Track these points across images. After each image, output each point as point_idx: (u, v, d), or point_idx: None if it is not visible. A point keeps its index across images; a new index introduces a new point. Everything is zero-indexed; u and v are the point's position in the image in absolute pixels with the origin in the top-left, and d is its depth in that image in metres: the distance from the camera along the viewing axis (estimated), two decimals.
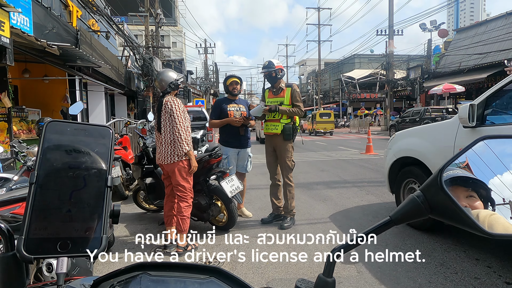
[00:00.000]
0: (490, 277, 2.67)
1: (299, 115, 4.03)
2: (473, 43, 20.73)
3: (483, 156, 0.58)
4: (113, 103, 15.69)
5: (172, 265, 0.62)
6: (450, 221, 0.55)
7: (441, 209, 0.55)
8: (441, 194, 0.54)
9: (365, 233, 0.59)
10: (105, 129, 0.67)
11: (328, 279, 0.59)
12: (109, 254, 3.33)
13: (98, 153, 0.64)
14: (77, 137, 0.64)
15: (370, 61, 38.19)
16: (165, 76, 3.43)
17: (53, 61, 7.57)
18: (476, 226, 0.52)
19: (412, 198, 0.58)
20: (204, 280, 0.59)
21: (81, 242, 0.58)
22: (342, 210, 4.67)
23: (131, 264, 0.61)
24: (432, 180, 0.56)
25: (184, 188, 3.34)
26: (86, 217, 0.60)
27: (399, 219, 0.58)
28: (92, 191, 0.61)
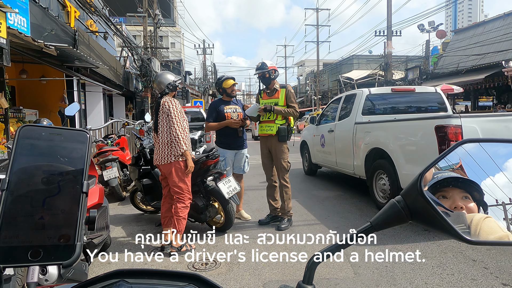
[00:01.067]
0: (487, 278, 2.67)
1: (294, 115, 4.02)
2: (471, 44, 20.79)
3: (476, 158, 0.57)
4: (111, 104, 15.67)
5: (150, 272, 0.61)
6: (431, 227, 0.54)
7: (421, 215, 0.54)
8: (421, 199, 0.53)
9: (346, 239, 0.59)
10: (82, 134, 0.66)
11: (308, 286, 0.58)
12: (106, 255, 3.32)
13: (74, 158, 0.62)
14: (52, 142, 0.63)
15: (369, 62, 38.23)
16: (163, 78, 3.45)
17: (51, 61, 7.55)
18: (456, 233, 0.51)
19: (393, 203, 0.57)
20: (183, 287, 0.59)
21: (54, 250, 0.57)
22: (340, 211, 4.67)
23: (109, 272, 0.60)
24: (412, 185, 0.55)
25: (181, 189, 3.33)
26: (59, 225, 0.58)
27: (379, 225, 0.58)
28: (67, 198, 0.60)
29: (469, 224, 0.54)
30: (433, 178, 0.57)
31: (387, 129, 4.50)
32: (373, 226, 0.58)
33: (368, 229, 0.58)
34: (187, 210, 3.38)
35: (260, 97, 4.20)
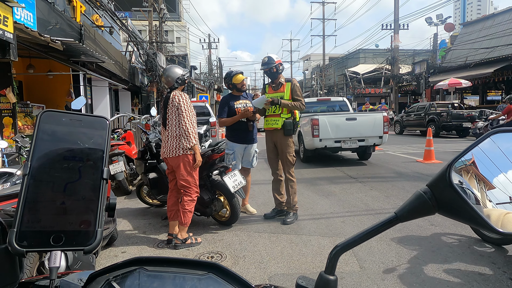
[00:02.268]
0: (495, 273, 2.65)
1: (300, 109, 4.00)
2: (480, 37, 20.46)
3: (490, 153, 0.56)
4: (117, 99, 15.74)
5: (170, 261, 0.61)
6: (459, 218, 0.53)
7: (449, 206, 0.53)
8: (450, 190, 0.52)
9: (369, 230, 0.58)
10: (102, 120, 0.66)
11: (330, 277, 0.57)
12: (112, 248, 3.35)
13: (94, 144, 0.62)
14: (72, 128, 0.62)
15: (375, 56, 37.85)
16: (171, 72, 3.43)
17: (57, 56, 7.58)
18: (487, 225, 0.50)
19: (419, 194, 0.55)
20: (202, 276, 0.58)
21: (75, 235, 0.57)
22: (345, 206, 4.66)
23: (128, 259, 0.60)
24: (440, 175, 0.54)
25: (188, 183, 3.35)
26: (80, 210, 0.58)
27: (405, 216, 0.56)
28: (88, 184, 0.60)
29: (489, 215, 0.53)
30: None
31: (302, 120, 7.88)
32: (398, 217, 0.56)
33: (393, 220, 0.57)
34: (193, 203, 3.40)
35: (265, 91, 4.18)
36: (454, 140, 13.60)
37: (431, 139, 8.24)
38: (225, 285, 0.58)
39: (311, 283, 0.60)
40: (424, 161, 8.03)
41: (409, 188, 5.47)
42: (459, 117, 14.21)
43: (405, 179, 6.22)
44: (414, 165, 7.74)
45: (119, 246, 3.43)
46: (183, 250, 3.31)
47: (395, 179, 6.30)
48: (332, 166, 8.08)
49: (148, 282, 0.57)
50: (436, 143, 8.85)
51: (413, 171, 6.98)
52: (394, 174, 6.81)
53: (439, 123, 14.60)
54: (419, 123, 16.12)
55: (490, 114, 14.17)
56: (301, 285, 0.60)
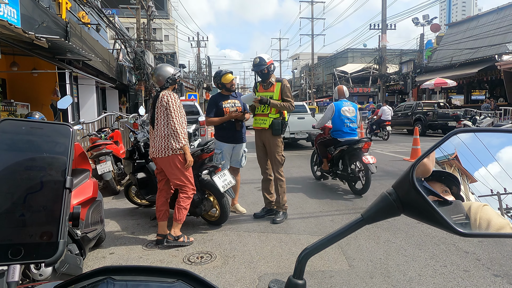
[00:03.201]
0: (479, 269, 2.71)
1: (289, 110, 4.01)
2: (465, 38, 20.87)
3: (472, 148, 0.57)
4: (104, 97, 15.52)
5: (138, 269, 0.60)
6: (423, 220, 0.54)
7: (413, 207, 0.53)
8: (413, 192, 0.52)
9: (336, 233, 0.58)
10: (65, 127, 0.63)
11: (299, 281, 0.57)
12: (101, 249, 3.31)
13: (56, 153, 0.60)
14: (33, 136, 0.60)
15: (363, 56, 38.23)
16: (162, 71, 3.38)
17: (42, 54, 7.43)
18: (449, 226, 0.51)
19: (384, 195, 0.56)
20: (172, 284, 0.58)
21: (36, 248, 0.55)
22: (334, 205, 4.70)
23: (94, 269, 0.58)
24: (404, 176, 0.54)
25: (183, 181, 3.33)
26: (41, 222, 0.56)
27: (371, 218, 0.57)
28: (49, 193, 0.58)
29: (467, 213, 0.54)
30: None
31: None
32: (364, 219, 0.57)
33: (359, 222, 0.57)
34: (189, 200, 3.39)
35: (256, 90, 4.18)
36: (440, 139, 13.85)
37: (417, 138, 8.38)
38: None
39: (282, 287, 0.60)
40: (411, 159, 8.16)
41: None
42: (444, 116, 14.49)
43: (392, 178, 6.31)
44: (401, 163, 7.86)
45: (107, 247, 3.39)
46: (172, 250, 3.29)
47: (382, 177, 6.38)
48: None
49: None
50: (422, 142, 9.00)
51: (400, 169, 7.08)
52: (381, 172, 6.90)
53: (426, 122, 14.87)
54: (406, 122, 16.37)
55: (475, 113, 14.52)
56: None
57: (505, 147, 0.58)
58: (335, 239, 0.58)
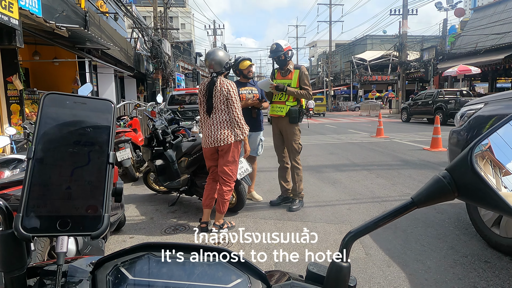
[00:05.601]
0: (501, 260, 2.65)
1: (307, 98, 3.96)
2: (491, 23, 19.97)
3: (507, 138, 0.54)
4: (122, 86, 15.75)
5: (178, 246, 0.60)
6: (480, 204, 0.52)
7: (470, 191, 0.51)
8: (471, 174, 0.50)
9: (383, 216, 0.56)
10: (107, 103, 0.64)
11: (343, 264, 0.56)
12: (120, 234, 3.41)
13: (99, 128, 0.61)
14: (77, 111, 0.61)
15: (383, 42, 37.26)
16: (220, 57, 3.30)
17: (63, 43, 7.58)
18: (510, 209, 0.49)
19: (438, 178, 0.53)
20: (212, 263, 0.58)
21: (82, 220, 0.56)
22: (351, 193, 4.66)
23: (136, 244, 0.59)
24: (461, 159, 0.52)
25: (231, 171, 3.35)
26: (87, 195, 0.57)
27: (422, 202, 0.54)
28: (93, 168, 0.59)
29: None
30: None
31: None
32: (414, 202, 0.54)
33: (409, 205, 0.55)
34: (231, 193, 3.44)
35: (274, 77, 4.14)
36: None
37: (438, 126, 8.17)
38: (234, 271, 0.58)
39: (323, 270, 0.59)
40: (431, 149, 7.97)
41: (416, 176, 5.45)
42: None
43: (411, 167, 6.19)
44: (421, 153, 7.69)
45: (127, 232, 3.48)
46: (189, 235, 3.35)
47: (401, 166, 6.27)
48: (338, 153, 8.05)
49: (157, 268, 0.57)
50: (443, 131, 8.76)
51: (419, 159, 6.93)
52: (400, 162, 6.78)
53: (447, 110, 14.43)
54: (427, 110, 15.95)
55: None
56: (312, 272, 0.59)
57: None
58: (381, 223, 0.56)
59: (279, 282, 0.61)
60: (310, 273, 0.60)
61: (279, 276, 0.63)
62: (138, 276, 0.57)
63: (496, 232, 2.79)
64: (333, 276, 0.56)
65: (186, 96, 10.91)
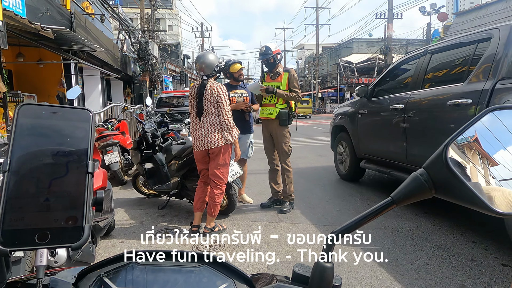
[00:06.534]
0: (487, 259, 2.72)
1: (296, 100, 4.00)
2: (473, 27, 20.52)
3: (493, 129, 0.55)
4: (109, 88, 15.55)
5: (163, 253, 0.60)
6: (457, 200, 0.52)
7: (446, 187, 0.51)
8: (446, 171, 0.50)
9: (365, 215, 0.57)
10: (84, 112, 0.63)
11: (327, 264, 0.56)
12: (110, 238, 3.36)
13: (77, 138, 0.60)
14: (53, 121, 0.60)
15: (369, 46, 37.81)
16: (210, 60, 3.30)
17: (48, 44, 7.44)
18: (485, 205, 0.49)
19: (415, 176, 0.54)
20: (196, 268, 0.58)
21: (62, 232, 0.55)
22: (341, 195, 4.71)
23: (119, 254, 0.58)
24: (436, 156, 0.52)
25: (223, 174, 3.34)
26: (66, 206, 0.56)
27: (401, 200, 0.55)
28: (72, 179, 0.58)
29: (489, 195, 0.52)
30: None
31: None
32: (394, 200, 0.55)
33: (388, 204, 0.55)
34: (222, 196, 3.43)
35: (263, 79, 4.16)
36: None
37: None
38: (219, 275, 0.57)
39: (308, 271, 0.59)
40: None
41: (405, 178, 5.53)
42: None
43: None
44: None
45: (117, 236, 3.44)
46: (181, 239, 3.33)
47: None
48: (327, 155, 8.13)
49: (141, 276, 0.56)
50: None
51: None
52: None
53: None
54: None
55: None
56: (298, 273, 0.60)
57: None
58: (363, 222, 0.57)
59: (265, 285, 0.60)
60: (296, 275, 0.60)
61: (265, 279, 0.63)
62: (122, 286, 0.56)
63: None
64: (317, 277, 0.56)
65: (174, 98, 10.84)
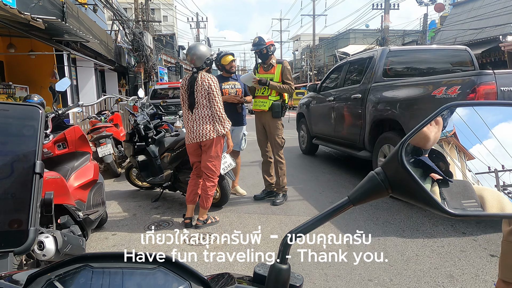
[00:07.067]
0: (475, 250, 2.75)
1: (289, 92, 3.99)
2: (469, 18, 20.47)
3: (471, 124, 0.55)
4: (103, 80, 15.38)
5: (117, 256, 0.57)
6: (412, 200, 0.51)
7: (402, 187, 0.50)
8: (402, 171, 0.49)
9: (322, 216, 0.56)
10: (33, 109, 0.59)
11: (283, 266, 0.55)
12: (102, 231, 3.35)
13: (24, 136, 0.57)
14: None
15: (365, 37, 37.62)
16: (198, 51, 3.26)
17: (39, 35, 7.31)
18: (439, 206, 0.49)
19: (372, 175, 0.53)
20: (152, 270, 0.56)
21: (4, 236, 0.52)
22: (334, 187, 4.73)
23: (72, 257, 0.56)
24: (392, 155, 0.51)
25: (215, 167, 3.34)
26: (10, 209, 0.53)
27: (357, 200, 0.54)
28: (18, 180, 0.55)
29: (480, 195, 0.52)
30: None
31: None
32: (350, 200, 0.54)
33: (346, 204, 0.55)
34: (215, 188, 3.43)
35: (256, 71, 4.14)
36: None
37: None
38: (175, 278, 0.56)
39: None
40: None
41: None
42: None
43: None
44: None
45: (109, 229, 3.44)
46: (174, 231, 3.34)
47: None
48: (320, 148, 8.13)
49: (94, 280, 0.54)
50: None
51: None
52: None
53: None
54: None
55: None
56: (259, 273, 0.59)
57: (504, 122, 0.56)
58: (321, 222, 0.56)
59: (224, 286, 0.59)
60: (256, 275, 0.59)
61: (225, 280, 0.62)
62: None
63: None
64: (272, 279, 0.55)
65: (169, 90, 10.75)
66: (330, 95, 5.73)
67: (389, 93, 4.24)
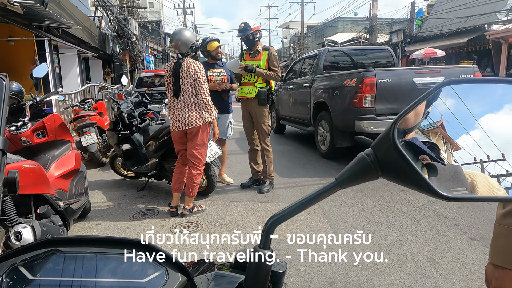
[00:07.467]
0: (457, 234, 2.81)
1: (275, 79, 3.95)
2: (455, 7, 20.58)
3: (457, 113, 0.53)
4: (87, 67, 15.01)
5: (87, 240, 0.55)
6: (404, 183, 0.49)
7: (393, 169, 0.48)
8: (393, 152, 0.47)
9: (307, 199, 0.53)
10: None
11: (266, 251, 0.53)
12: (86, 221, 3.31)
13: None
14: None
15: (354, 25, 37.56)
16: (183, 36, 3.17)
17: (18, 20, 7.05)
18: (432, 189, 0.46)
19: (362, 156, 0.50)
20: (124, 255, 0.54)
21: None
22: (321, 174, 4.76)
23: (39, 240, 0.53)
24: (383, 135, 0.48)
25: (200, 154, 3.30)
26: None
27: (345, 182, 0.51)
28: None
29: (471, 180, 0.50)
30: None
31: None
32: (338, 183, 0.51)
33: (333, 186, 0.52)
34: (201, 176, 3.41)
35: (242, 58, 4.08)
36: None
37: None
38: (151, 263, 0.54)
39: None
40: None
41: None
42: None
43: None
44: None
45: (93, 219, 3.39)
46: (159, 220, 3.31)
47: None
48: (306, 135, 8.16)
49: (64, 265, 0.51)
50: None
51: None
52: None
53: None
54: None
55: None
56: (240, 260, 0.57)
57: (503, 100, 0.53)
58: (306, 205, 0.53)
59: (204, 272, 0.57)
60: (238, 262, 0.58)
61: (205, 267, 0.61)
62: (40, 276, 0.50)
63: None
64: (254, 265, 0.53)
65: (155, 78, 10.57)
66: (291, 84, 7.02)
67: (323, 82, 5.68)
